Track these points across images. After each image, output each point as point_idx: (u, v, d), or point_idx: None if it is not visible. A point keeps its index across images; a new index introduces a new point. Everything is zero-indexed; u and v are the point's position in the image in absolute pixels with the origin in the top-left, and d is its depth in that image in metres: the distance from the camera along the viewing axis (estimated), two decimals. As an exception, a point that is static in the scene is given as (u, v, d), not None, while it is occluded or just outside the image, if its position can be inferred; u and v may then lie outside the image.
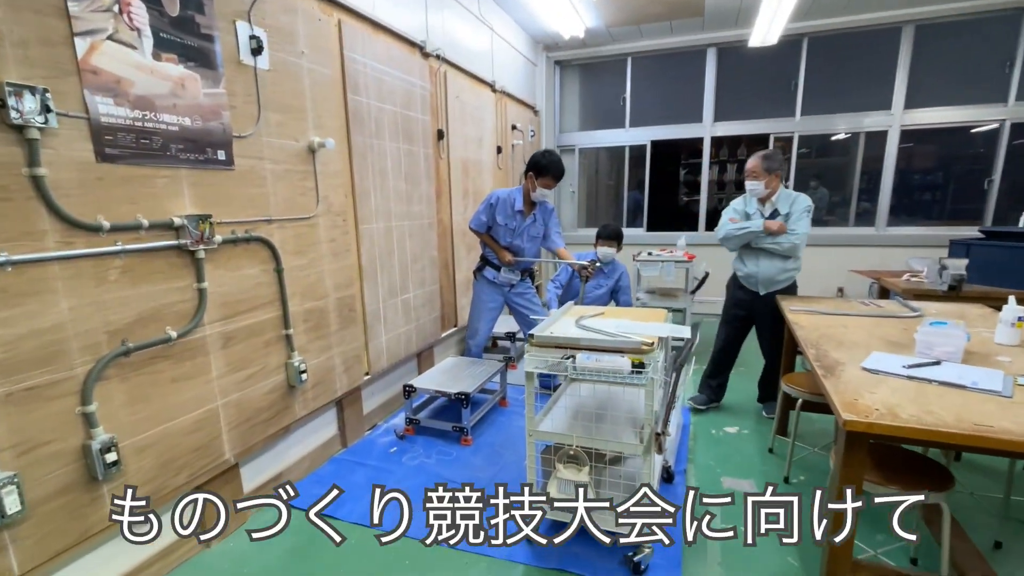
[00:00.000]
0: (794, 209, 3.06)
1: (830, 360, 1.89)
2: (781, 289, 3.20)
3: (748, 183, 3.13)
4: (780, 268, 3.15)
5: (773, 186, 3.09)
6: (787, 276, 3.17)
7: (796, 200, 3.08)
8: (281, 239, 2.40)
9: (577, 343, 1.93)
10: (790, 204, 3.09)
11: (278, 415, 2.45)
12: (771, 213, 3.14)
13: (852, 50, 5.55)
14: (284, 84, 2.37)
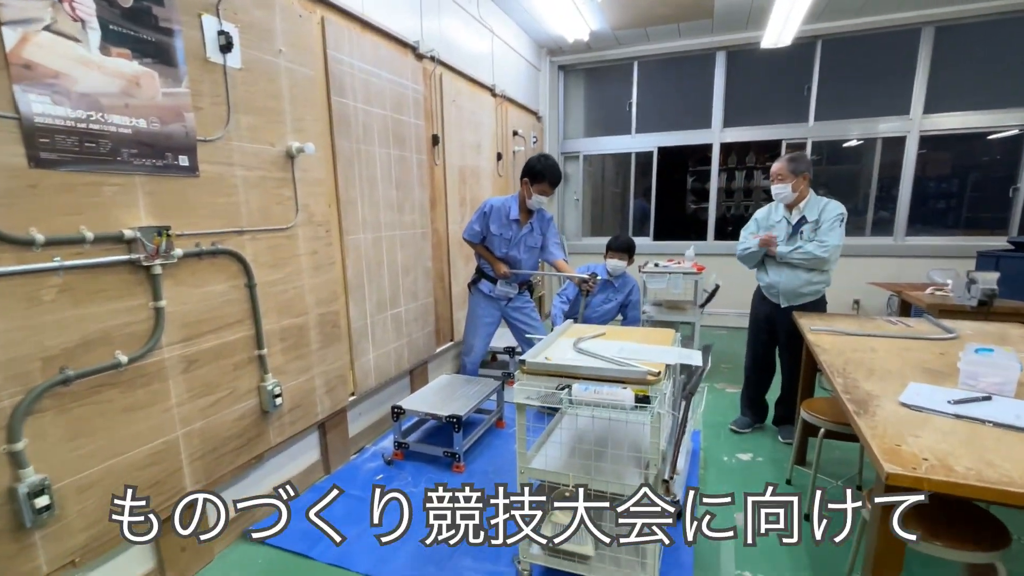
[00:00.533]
0: (824, 217, 2.83)
1: (861, 393, 1.66)
2: (806, 303, 2.96)
3: (774, 187, 2.91)
4: (805, 280, 2.91)
5: (801, 190, 2.87)
6: (813, 289, 2.93)
7: (827, 207, 2.85)
8: (254, 252, 2.21)
9: (574, 371, 1.72)
10: (820, 211, 2.85)
11: (250, 443, 2.25)
12: (798, 221, 2.91)
13: (868, 53, 5.33)
14: (258, 84, 2.19)
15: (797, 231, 2.91)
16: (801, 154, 2.91)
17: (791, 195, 2.88)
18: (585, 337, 2.09)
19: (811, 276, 2.89)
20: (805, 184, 2.87)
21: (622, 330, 2.31)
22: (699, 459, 2.94)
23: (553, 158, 3.08)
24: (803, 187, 2.87)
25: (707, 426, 3.39)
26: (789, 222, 2.95)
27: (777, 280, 2.98)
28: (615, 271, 3.76)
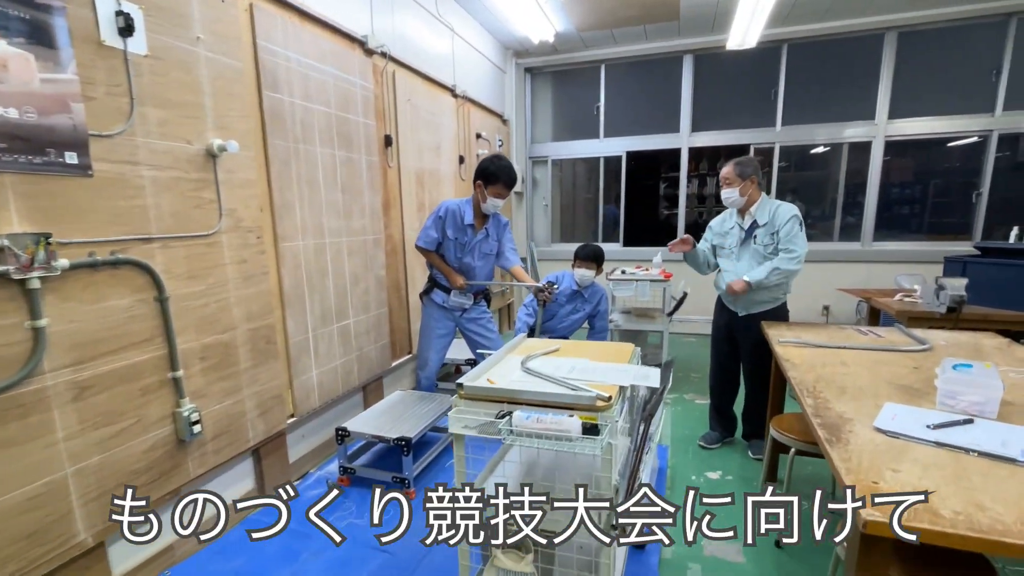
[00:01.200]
0: (776, 220, 2.73)
1: (833, 416, 1.51)
2: (764, 312, 2.85)
3: (723, 192, 2.83)
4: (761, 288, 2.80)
5: (750, 194, 2.78)
6: (770, 297, 2.84)
7: (778, 210, 2.75)
8: (166, 261, 1.96)
9: (516, 396, 1.52)
10: (771, 214, 2.75)
11: (163, 477, 1.99)
12: (750, 226, 2.81)
13: (834, 58, 5.30)
14: (171, 74, 1.95)
15: (750, 236, 2.82)
16: (748, 158, 2.83)
17: (740, 199, 2.79)
18: (535, 354, 1.91)
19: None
20: (754, 187, 2.78)
21: (578, 345, 2.13)
22: (666, 477, 2.78)
23: (507, 158, 2.90)
24: (752, 190, 2.78)
25: (675, 440, 3.23)
26: (742, 227, 2.86)
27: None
28: (583, 281, 3.59)
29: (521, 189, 6.15)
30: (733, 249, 2.90)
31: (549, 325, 3.72)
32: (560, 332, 3.75)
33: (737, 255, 2.89)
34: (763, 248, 2.78)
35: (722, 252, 2.99)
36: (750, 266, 2.82)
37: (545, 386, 1.58)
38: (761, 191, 2.81)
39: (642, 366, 1.79)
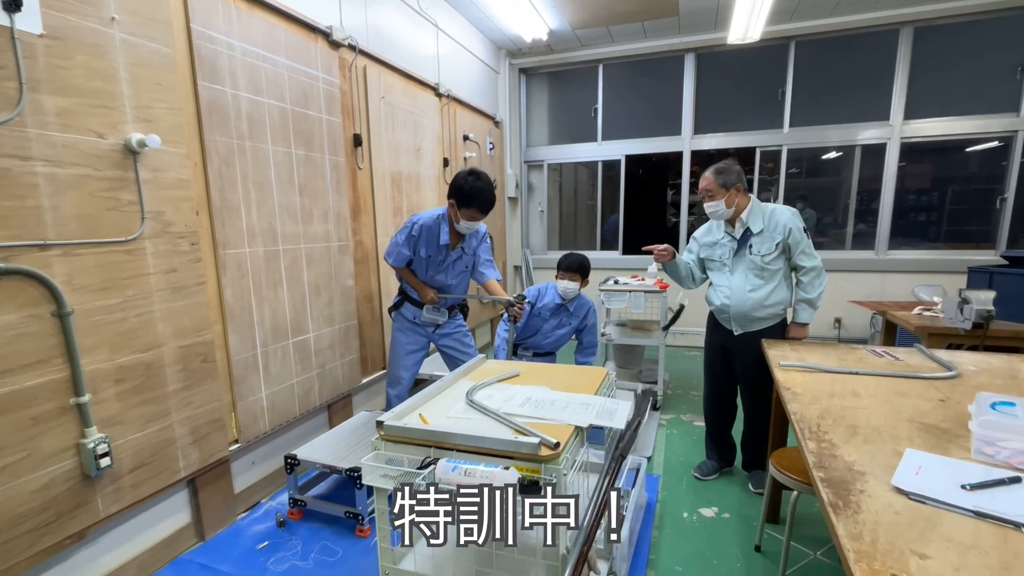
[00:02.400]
0: (776, 227, 2.46)
1: (840, 468, 1.21)
2: (765, 330, 2.55)
3: (706, 206, 2.55)
4: (756, 302, 2.51)
5: (737, 203, 2.52)
6: (769, 312, 2.53)
7: (774, 215, 2.48)
8: (68, 271, 1.71)
9: (444, 439, 1.24)
10: (765, 219, 2.48)
11: (62, 518, 1.73)
12: (743, 234, 2.52)
13: (845, 55, 4.99)
14: (75, 58, 1.71)
15: (744, 245, 2.54)
16: (728, 164, 2.53)
17: (727, 211, 2.51)
18: (486, 382, 1.63)
19: (764, 296, 2.50)
20: (740, 195, 2.51)
21: (542, 369, 1.84)
22: (654, 515, 2.47)
23: (487, 176, 2.58)
24: (739, 198, 2.51)
25: (668, 468, 2.93)
26: (733, 237, 2.57)
27: (727, 302, 2.57)
28: (567, 294, 3.29)
29: (516, 195, 5.89)
30: (725, 261, 2.61)
31: (532, 341, 3.43)
32: (545, 348, 3.46)
33: (730, 267, 2.59)
34: (761, 259, 2.49)
35: (712, 265, 2.70)
36: (746, 279, 2.53)
37: (484, 427, 1.30)
38: (748, 196, 2.53)
39: (611, 399, 1.50)
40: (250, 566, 2.13)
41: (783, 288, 2.53)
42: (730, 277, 2.57)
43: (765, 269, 2.50)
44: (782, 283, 2.52)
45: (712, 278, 2.70)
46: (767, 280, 2.51)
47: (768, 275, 2.50)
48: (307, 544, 2.26)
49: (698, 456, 3.00)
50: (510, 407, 1.43)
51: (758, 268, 2.50)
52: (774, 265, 2.49)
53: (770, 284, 2.50)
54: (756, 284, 2.52)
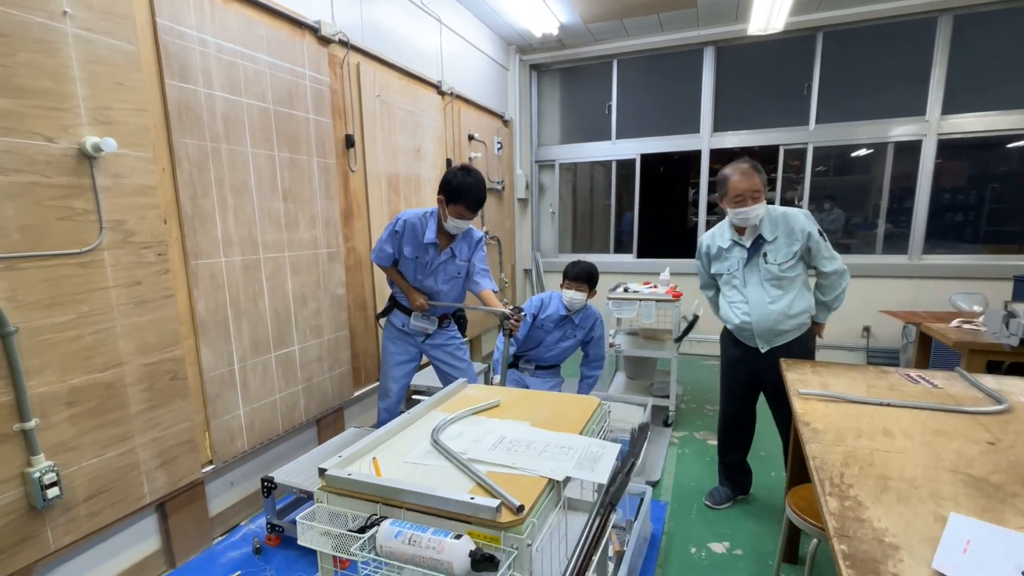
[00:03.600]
0: (791, 232, 2.25)
1: (868, 539, 0.99)
2: (792, 343, 2.31)
3: (750, 210, 2.22)
4: (781, 312, 2.27)
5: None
6: (795, 324, 2.30)
7: (787, 220, 2.26)
8: (11, 287, 1.58)
9: (391, 496, 1.06)
10: (777, 224, 2.27)
11: (3, 554, 1.60)
12: (755, 242, 2.29)
13: (877, 47, 4.67)
14: (19, 55, 1.58)
15: (757, 254, 2.30)
16: (753, 161, 2.28)
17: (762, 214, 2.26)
18: (457, 416, 1.44)
19: (786, 307, 2.27)
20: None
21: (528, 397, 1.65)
22: (658, 549, 2.26)
23: (478, 172, 2.42)
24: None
25: (677, 494, 2.71)
26: (742, 246, 2.33)
27: (747, 319, 2.32)
28: (572, 305, 3.09)
29: (526, 196, 5.69)
30: (735, 273, 2.37)
31: (535, 354, 3.24)
32: (548, 361, 3.26)
33: (743, 280, 2.35)
34: (777, 267, 2.26)
35: (722, 279, 2.46)
36: (763, 291, 2.30)
37: (443, 478, 1.12)
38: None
39: (597, 441, 1.30)
40: (217, 600, 1.98)
41: (804, 295, 2.31)
42: (744, 291, 2.34)
43: (782, 278, 2.28)
44: (802, 290, 2.31)
45: (725, 293, 2.46)
46: (786, 289, 2.29)
47: (786, 283, 2.29)
48: (280, 574, 2.11)
49: (711, 480, 2.77)
50: (479, 450, 1.24)
51: (775, 278, 2.27)
52: (792, 272, 2.28)
53: (790, 293, 2.28)
54: (775, 295, 2.29)
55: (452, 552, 0.92)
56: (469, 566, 0.91)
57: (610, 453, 1.22)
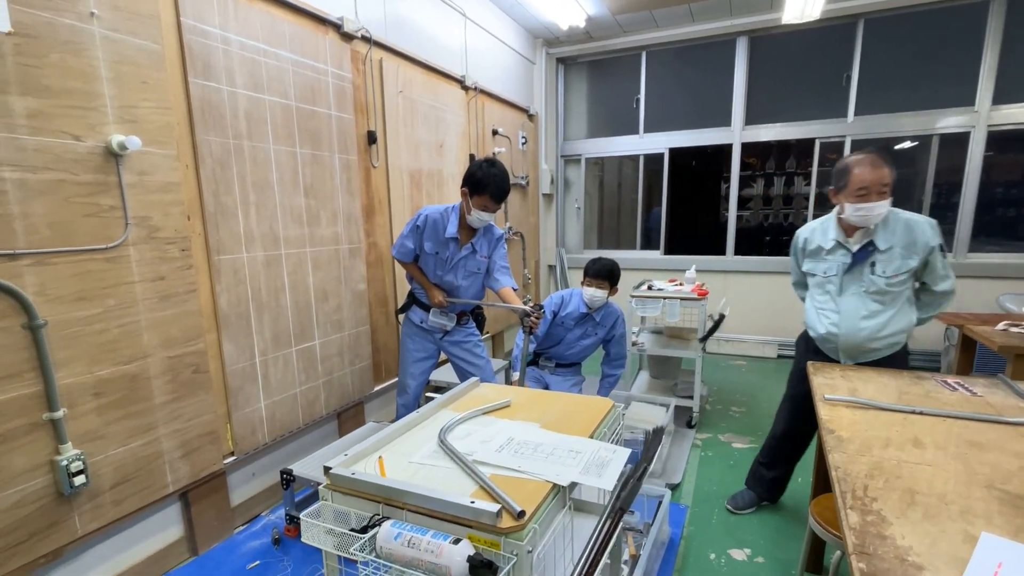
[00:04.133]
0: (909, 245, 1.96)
1: (889, 557, 0.94)
2: (879, 361, 2.08)
3: (869, 205, 1.93)
4: (873, 332, 2.04)
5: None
6: (890, 342, 2.04)
7: (910, 229, 1.97)
8: (41, 281, 1.64)
9: (393, 496, 1.05)
10: (898, 233, 1.98)
11: (34, 537, 1.67)
12: (863, 249, 2.02)
13: (922, 33, 4.44)
14: (48, 56, 1.63)
15: (863, 263, 2.03)
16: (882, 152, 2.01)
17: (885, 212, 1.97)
18: (467, 415, 1.43)
19: (881, 325, 2.02)
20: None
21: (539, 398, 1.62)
22: (676, 553, 2.21)
23: (501, 164, 2.41)
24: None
25: (698, 498, 2.64)
26: (848, 250, 2.05)
27: (834, 331, 2.10)
28: (593, 302, 3.04)
29: (551, 191, 5.64)
30: (832, 278, 2.11)
31: (555, 351, 3.21)
32: (569, 359, 3.23)
33: (839, 287, 2.10)
34: (885, 281, 2.00)
35: (813, 280, 2.21)
36: (860, 303, 2.05)
37: (447, 479, 1.11)
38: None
39: (606, 445, 1.26)
40: (236, 590, 2.03)
41: (906, 312, 2.04)
42: (838, 299, 2.10)
43: (887, 292, 2.02)
44: (905, 307, 2.04)
45: (815, 297, 2.21)
46: (887, 305, 2.03)
47: (890, 299, 2.03)
48: (298, 567, 2.14)
49: (734, 484, 2.70)
50: (485, 451, 1.22)
51: (879, 292, 2.02)
52: (899, 287, 2.01)
53: (890, 309, 2.03)
54: (874, 310, 2.04)
55: (450, 556, 0.91)
56: (467, 571, 0.90)
57: (619, 458, 1.19)
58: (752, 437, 3.27)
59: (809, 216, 4.96)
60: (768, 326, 5.05)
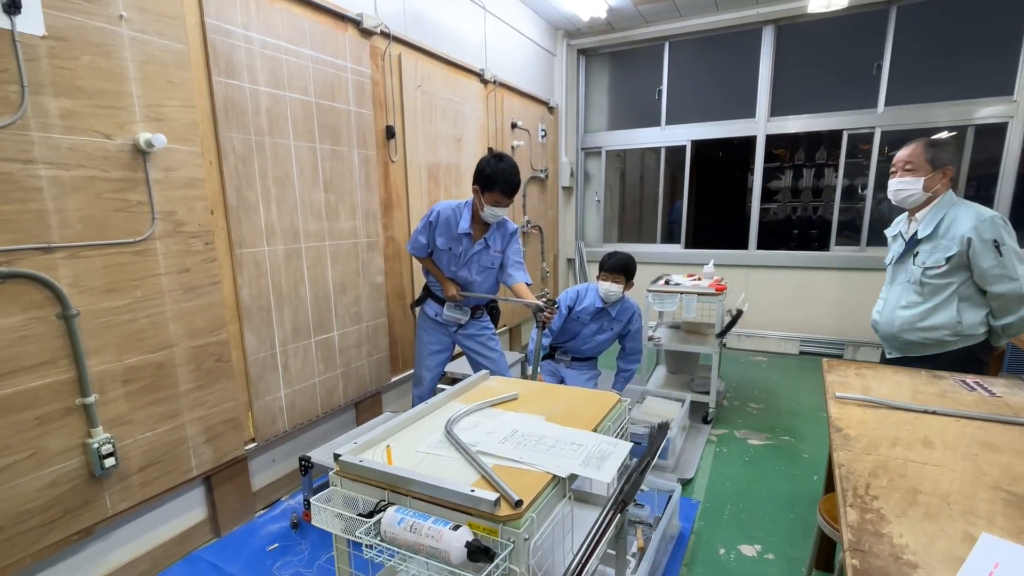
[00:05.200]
0: (945, 234, 1.93)
1: (884, 555, 0.94)
2: (929, 358, 2.01)
3: (893, 182, 2.01)
4: (907, 322, 2.02)
5: (935, 191, 1.98)
6: (926, 337, 2.00)
7: (951, 219, 1.92)
8: (75, 273, 1.72)
9: (398, 484, 1.10)
10: (940, 223, 1.94)
11: (68, 515, 1.77)
12: (913, 235, 2.02)
13: (957, 20, 4.28)
14: (81, 59, 1.70)
15: (910, 252, 2.03)
16: (947, 139, 2.00)
17: (919, 196, 1.96)
18: (474, 407, 1.46)
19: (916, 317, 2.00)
20: (944, 181, 1.97)
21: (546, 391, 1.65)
22: (686, 547, 2.22)
23: (510, 158, 2.43)
24: (940, 186, 1.97)
25: (711, 494, 2.64)
26: (903, 238, 2.07)
27: (876, 318, 2.12)
28: (608, 297, 3.04)
29: (571, 184, 5.63)
30: (888, 266, 2.14)
31: (571, 346, 3.22)
32: (585, 354, 3.24)
33: (891, 275, 2.12)
34: (921, 272, 1.98)
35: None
36: (901, 293, 2.06)
37: (450, 468, 1.14)
38: (948, 188, 1.99)
39: (608, 439, 1.28)
40: (256, 570, 2.11)
41: (949, 309, 1.96)
42: (888, 288, 2.14)
43: (926, 284, 1.98)
44: (949, 303, 1.96)
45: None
46: (927, 298, 2.00)
47: (930, 292, 1.99)
48: (315, 550, 2.22)
49: (748, 480, 2.70)
50: (490, 442, 1.26)
51: (918, 282, 2.00)
52: (940, 280, 1.96)
53: (929, 302, 1.99)
54: (912, 301, 2.02)
55: (449, 542, 0.94)
56: (465, 556, 0.93)
57: (620, 452, 1.21)
58: (769, 434, 3.24)
59: (836, 209, 4.86)
60: (790, 322, 4.97)
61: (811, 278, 4.90)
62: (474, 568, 0.95)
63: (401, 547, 1.00)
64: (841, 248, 4.86)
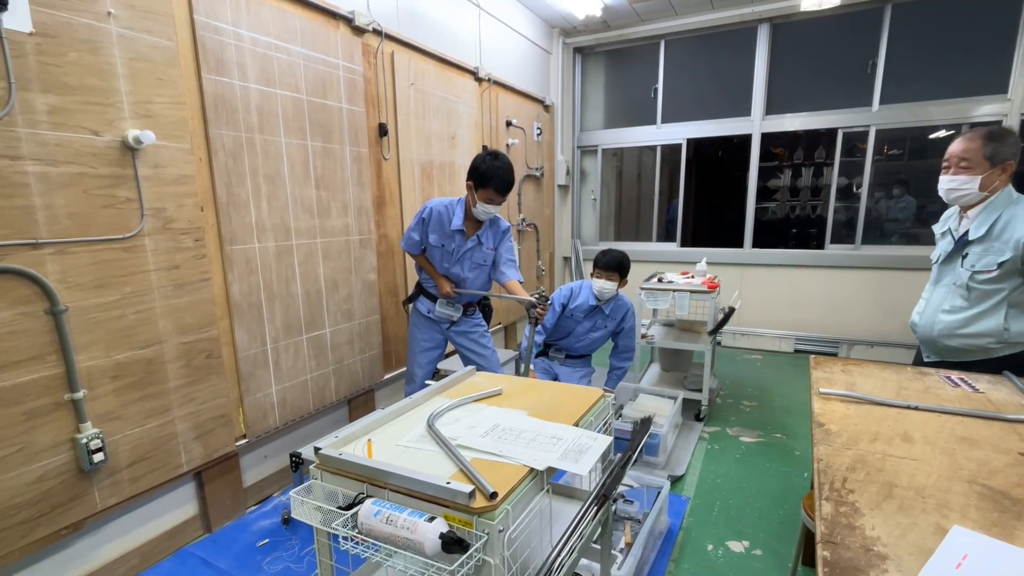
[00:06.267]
0: (999, 236, 1.80)
1: (855, 547, 0.95)
2: (969, 364, 1.93)
3: (948, 178, 1.87)
4: (948, 327, 1.93)
5: (993, 188, 1.83)
6: (968, 343, 1.91)
7: (1007, 219, 1.79)
8: (62, 269, 1.73)
9: (376, 476, 1.10)
10: (995, 224, 1.81)
11: (56, 510, 1.78)
12: (963, 235, 1.90)
13: (953, 18, 4.28)
14: (68, 55, 1.71)
15: (959, 252, 1.92)
16: (1007, 130, 1.85)
17: (974, 195, 1.83)
18: (457, 402, 1.47)
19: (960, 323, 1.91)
20: (1003, 179, 1.82)
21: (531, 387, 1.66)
22: (674, 543, 2.23)
23: (506, 157, 2.44)
24: (998, 183, 1.82)
25: (701, 490, 2.65)
26: (953, 237, 1.95)
27: (916, 319, 2.05)
28: (602, 295, 3.05)
29: (567, 182, 5.63)
30: (934, 265, 2.05)
31: (565, 343, 3.23)
32: (578, 351, 3.25)
33: (936, 275, 2.04)
34: (969, 275, 1.87)
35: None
36: (946, 295, 1.97)
37: (429, 462, 1.15)
38: (1007, 185, 1.84)
39: (588, 433, 1.29)
40: (246, 565, 2.12)
41: (996, 316, 1.85)
42: (932, 288, 2.05)
43: (973, 289, 1.88)
44: (997, 310, 1.85)
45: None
46: (973, 303, 1.89)
47: (977, 297, 1.88)
48: (305, 544, 2.23)
49: (738, 477, 2.70)
50: (470, 436, 1.27)
51: (964, 286, 1.89)
52: (989, 286, 1.84)
53: (975, 308, 1.89)
54: (956, 305, 1.93)
55: (424, 533, 0.95)
56: (439, 547, 0.94)
57: (599, 446, 1.22)
58: (761, 431, 3.25)
59: (831, 207, 4.86)
60: (786, 320, 4.98)
61: (806, 276, 4.90)
62: (449, 559, 0.96)
63: (378, 539, 1.01)
64: (836, 246, 4.87)
